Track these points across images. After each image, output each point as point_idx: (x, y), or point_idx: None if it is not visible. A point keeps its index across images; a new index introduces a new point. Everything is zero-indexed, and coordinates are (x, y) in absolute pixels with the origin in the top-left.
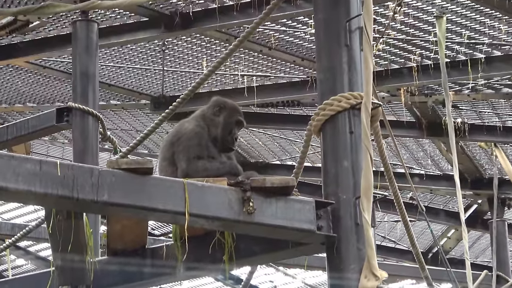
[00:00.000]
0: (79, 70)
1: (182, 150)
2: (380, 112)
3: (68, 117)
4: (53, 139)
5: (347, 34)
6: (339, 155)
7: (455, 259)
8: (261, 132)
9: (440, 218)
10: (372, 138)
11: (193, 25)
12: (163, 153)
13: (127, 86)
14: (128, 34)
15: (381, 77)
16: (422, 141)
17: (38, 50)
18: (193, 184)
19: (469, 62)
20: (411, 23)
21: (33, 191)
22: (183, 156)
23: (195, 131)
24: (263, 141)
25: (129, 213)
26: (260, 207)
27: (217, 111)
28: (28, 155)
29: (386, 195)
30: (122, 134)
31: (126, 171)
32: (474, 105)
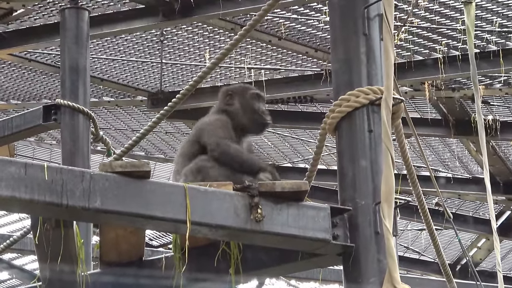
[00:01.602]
0: (68, 63)
1: (209, 136)
2: (402, 109)
3: (56, 115)
4: (40, 139)
5: (366, 22)
6: (357, 156)
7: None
8: (270, 132)
9: (469, 226)
10: (393, 137)
11: (194, 12)
12: (184, 155)
13: (121, 81)
14: (122, 23)
15: (403, 69)
16: (449, 140)
17: (23, 41)
18: (195, 189)
19: (501, 52)
20: (437, 9)
21: (18, 197)
22: (212, 141)
23: (219, 119)
24: (272, 142)
25: (124, 221)
26: (269, 214)
27: (229, 100)
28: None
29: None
30: (116, 134)
31: (121, 174)
32: (506, 101)
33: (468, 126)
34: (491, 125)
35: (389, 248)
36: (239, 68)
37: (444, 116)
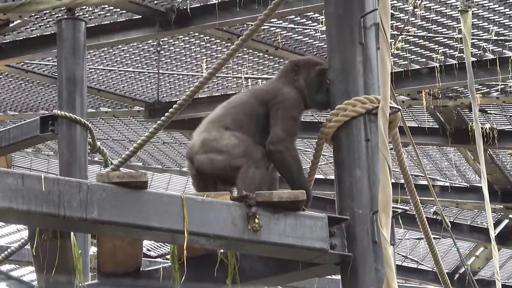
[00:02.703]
0: (65, 74)
1: (284, 114)
2: (399, 118)
3: (53, 126)
4: (37, 150)
5: (362, 31)
6: (354, 166)
7: (484, 280)
8: None
9: (467, 235)
10: (390, 146)
11: (191, 22)
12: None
13: (118, 91)
14: (119, 34)
15: (400, 78)
16: (447, 149)
17: (20, 52)
18: (192, 199)
19: (498, 61)
20: (433, 18)
21: (15, 208)
22: (283, 127)
23: (295, 97)
24: None
25: (122, 232)
26: (267, 224)
27: (295, 75)
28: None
29: (407, 210)
30: (113, 144)
31: (118, 185)
32: (504, 109)
33: (465, 135)
34: (489, 133)
35: (387, 257)
36: (236, 77)
37: (442, 125)
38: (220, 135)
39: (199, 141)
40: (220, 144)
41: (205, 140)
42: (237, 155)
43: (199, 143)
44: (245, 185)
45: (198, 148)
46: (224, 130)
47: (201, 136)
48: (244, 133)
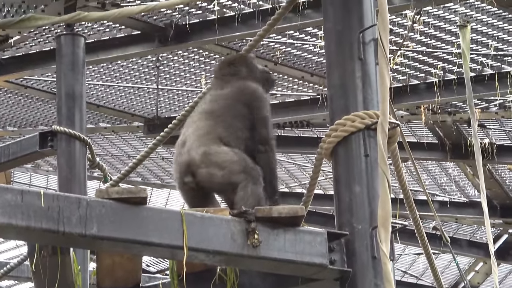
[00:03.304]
0: (64, 89)
1: (266, 118)
2: (398, 133)
3: (52, 142)
4: (36, 166)
5: (361, 47)
6: (353, 181)
7: None
8: None
9: (467, 250)
10: (389, 161)
11: (190, 38)
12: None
13: (117, 107)
14: (118, 49)
15: (399, 93)
16: (446, 164)
17: (19, 68)
18: (191, 215)
19: (497, 76)
20: (432, 33)
21: (14, 224)
22: (265, 124)
23: (267, 97)
24: None
25: (121, 248)
26: (266, 240)
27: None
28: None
29: (406, 225)
30: (112, 160)
31: (117, 201)
32: (503, 124)
33: (464, 150)
34: (488, 148)
35: (386, 273)
36: None
37: (441, 140)
38: (220, 149)
39: (199, 154)
40: (220, 159)
41: (205, 153)
42: (236, 171)
43: (200, 156)
44: (244, 201)
45: (200, 162)
46: (221, 143)
47: (200, 150)
48: (241, 143)
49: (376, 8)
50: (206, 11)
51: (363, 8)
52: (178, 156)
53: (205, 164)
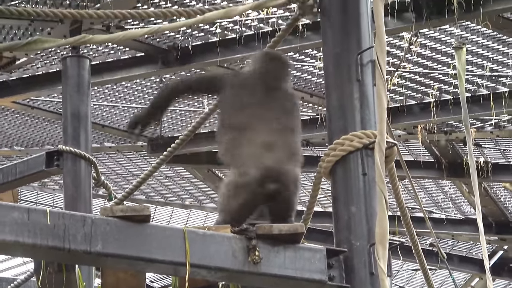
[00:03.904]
0: (70, 110)
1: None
2: (396, 152)
3: (58, 161)
4: (43, 185)
5: (359, 68)
6: (352, 199)
7: None
8: None
9: (463, 266)
10: (387, 180)
11: (192, 60)
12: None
13: (122, 127)
14: (122, 71)
15: (396, 114)
16: (442, 182)
17: (26, 89)
18: (194, 232)
19: (492, 96)
20: (428, 55)
21: (21, 242)
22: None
23: None
24: None
25: (125, 265)
26: (266, 256)
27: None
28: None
29: (403, 242)
30: (117, 179)
31: (122, 219)
32: (497, 143)
33: (460, 168)
34: (483, 167)
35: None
36: None
37: (437, 159)
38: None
39: (286, 165)
40: (295, 177)
41: (289, 168)
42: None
43: (287, 169)
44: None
45: (286, 173)
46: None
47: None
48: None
49: (373, 31)
50: (208, 34)
51: (361, 31)
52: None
53: (287, 177)
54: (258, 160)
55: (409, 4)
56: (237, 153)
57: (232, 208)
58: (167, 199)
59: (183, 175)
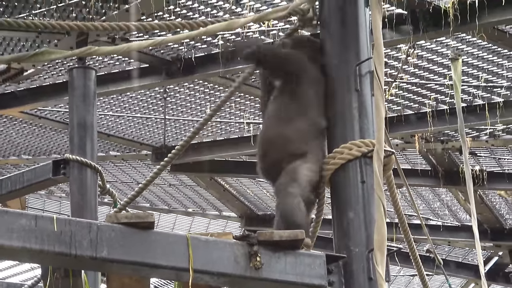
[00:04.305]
0: (76, 120)
1: None
2: (393, 160)
3: (65, 169)
4: (50, 193)
5: (357, 79)
6: (351, 206)
7: None
8: (269, 183)
9: (459, 272)
10: (385, 187)
11: (195, 71)
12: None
13: (127, 136)
14: (127, 82)
15: (394, 123)
16: (439, 190)
17: (33, 100)
18: (197, 239)
19: (487, 106)
20: (425, 66)
21: (29, 248)
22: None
23: None
24: (271, 192)
25: (130, 270)
26: (268, 262)
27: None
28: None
29: (401, 248)
30: (122, 186)
31: (126, 225)
32: (492, 152)
33: (456, 176)
34: (478, 175)
35: None
36: (238, 123)
37: (434, 167)
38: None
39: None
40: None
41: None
42: None
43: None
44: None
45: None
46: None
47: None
48: None
49: (371, 42)
50: (211, 45)
51: (359, 42)
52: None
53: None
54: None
55: (406, 16)
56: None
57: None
58: (170, 206)
59: (186, 183)
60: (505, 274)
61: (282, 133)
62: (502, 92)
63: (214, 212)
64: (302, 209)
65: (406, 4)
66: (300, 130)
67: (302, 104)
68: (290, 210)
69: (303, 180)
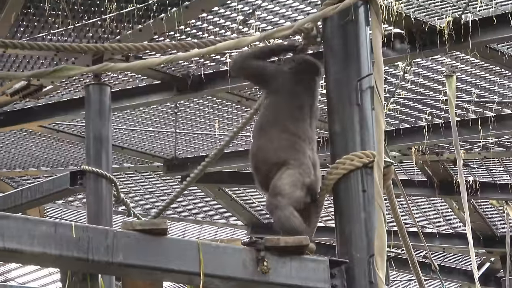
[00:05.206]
0: (92, 133)
1: None
2: (392, 171)
3: (82, 180)
4: (67, 202)
5: (359, 94)
6: (352, 214)
7: None
8: None
9: (453, 277)
10: (384, 196)
11: (204, 87)
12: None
13: (139, 148)
14: (140, 97)
15: (392, 136)
16: (434, 199)
17: (51, 114)
18: (207, 245)
19: (480, 120)
20: (421, 82)
21: (48, 253)
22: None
23: None
24: None
25: (144, 274)
26: (274, 267)
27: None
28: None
29: (400, 253)
30: (135, 196)
31: (141, 232)
32: (485, 163)
33: (451, 187)
34: (472, 185)
35: None
36: (244, 136)
37: (429, 178)
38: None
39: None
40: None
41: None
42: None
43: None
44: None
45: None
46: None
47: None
48: None
49: (372, 60)
50: (219, 63)
51: (360, 60)
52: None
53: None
54: (310, 171)
55: (403, 36)
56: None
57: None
58: (181, 215)
59: (196, 193)
60: (496, 279)
61: (260, 145)
62: (494, 107)
63: (222, 220)
64: (296, 215)
65: (404, 24)
66: (274, 139)
67: (275, 114)
68: (285, 222)
69: (286, 189)
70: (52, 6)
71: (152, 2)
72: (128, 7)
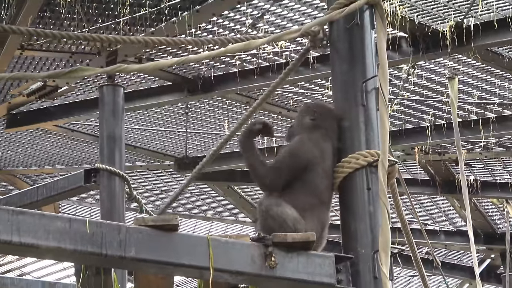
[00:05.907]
0: (106, 133)
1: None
2: (396, 169)
3: (95, 178)
4: (81, 199)
5: (364, 95)
6: (358, 211)
7: None
8: None
9: (455, 273)
10: (389, 194)
11: (214, 88)
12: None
13: (151, 147)
14: (152, 98)
15: (396, 136)
16: (436, 198)
17: (67, 114)
18: (217, 240)
19: (481, 121)
20: (424, 84)
21: (63, 248)
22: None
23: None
24: None
25: (156, 269)
26: (282, 262)
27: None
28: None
29: (403, 250)
30: (147, 194)
31: (153, 228)
32: (486, 163)
33: (452, 186)
34: (473, 184)
35: None
36: None
37: (432, 177)
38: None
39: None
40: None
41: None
42: None
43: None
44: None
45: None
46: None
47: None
48: None
49: (377, 62)
50: (229, 65)
51: (365, 62)
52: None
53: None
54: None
55: (407, 39)
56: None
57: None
58: (191, 212)
59: (206, 190)
60: (496, 275)
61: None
62: (495, 108)
63: (231, 217)
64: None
65: (408, 28)
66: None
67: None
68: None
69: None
70: (67, 10)
71: (164, 6)
72: (141, 11)
